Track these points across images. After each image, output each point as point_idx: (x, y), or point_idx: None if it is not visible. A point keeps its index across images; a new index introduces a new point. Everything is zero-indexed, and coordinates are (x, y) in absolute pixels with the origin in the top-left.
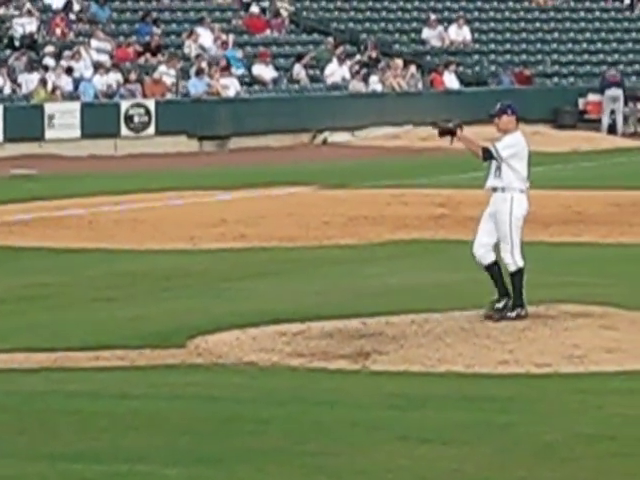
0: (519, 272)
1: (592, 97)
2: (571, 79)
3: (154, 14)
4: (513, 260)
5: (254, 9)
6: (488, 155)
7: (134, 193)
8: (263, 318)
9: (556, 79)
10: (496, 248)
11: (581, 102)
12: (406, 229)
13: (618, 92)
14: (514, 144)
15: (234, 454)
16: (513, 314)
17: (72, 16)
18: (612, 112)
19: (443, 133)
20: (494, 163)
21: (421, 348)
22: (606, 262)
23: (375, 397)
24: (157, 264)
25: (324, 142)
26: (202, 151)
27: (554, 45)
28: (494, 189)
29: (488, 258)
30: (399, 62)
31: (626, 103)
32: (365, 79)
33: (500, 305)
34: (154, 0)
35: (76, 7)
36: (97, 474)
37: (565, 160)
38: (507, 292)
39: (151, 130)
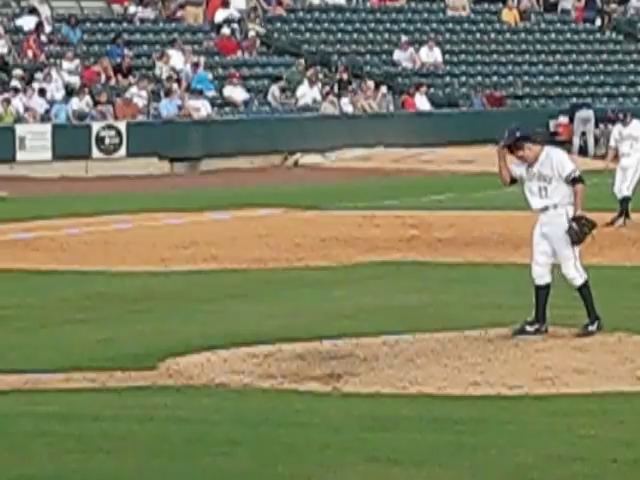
0: (586, 285)
1: (563, 119)
2: (542, 101)
3: (125, 36)
4: (579, 273)
5: (225, 31)
6: (582, 179)
7: (105, 215)
8: (234, 340)
9: (527, 101)
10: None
11: (552, 124)
12: (377, 251)
13: (589, 113)
14: (566, 155)
15: (204, 476)
16: (594, 327)
17: (43, 38)
18: (583, 134)
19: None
20: (536, 185)
21: (392, 370)
22: None
23: (346, 419)
24: (128, 286)
25: (295, 164)
26: (173, 173)
27: (525, 67)
28: (545, 208)
29: (545, 278)
30: (370, 84)
31: (597, 125)
32: (336, 101)
33: (531, 329)
34: (125, 22)
35: (47, 29)
36: None
37: None
38: (544, 318)
39: (122, 152)
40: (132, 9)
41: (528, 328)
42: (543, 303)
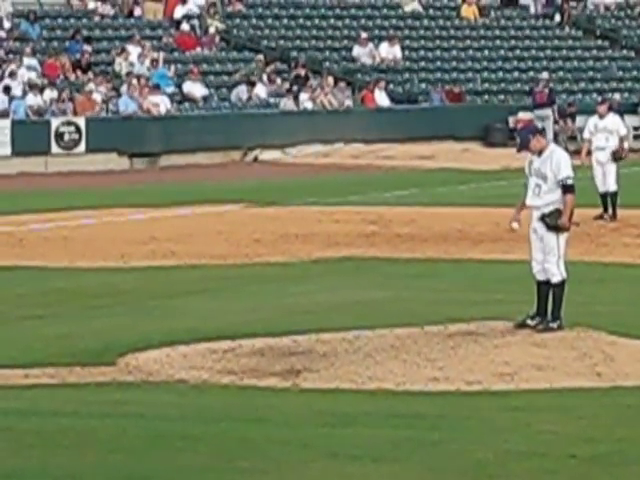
0: (562, 283)
1: (522, 115)
2: (501, 97)
3: (85, 32)
4: (559, 271)
5: (185, 27)
6: (572, 189)
7: (64, 211)
8: (193, 335)
9: (487, 97)
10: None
11: (511, 120)
12: (337, 247)
13: (547, 112)
14: (568, 159)
15: (164, 472)
16: (555, 325)
17: (2, 34)
18: (542, 130)
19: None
20: (532, 181)
21: (351, 365)
22: None
23: (305, 415)
24: (87, 282)
25: (255, 160)
26: (133, 169)
27: (484, 63)
28: (536, 207)
29: (544, 275)
30: (330, 80)
31: (557, 121)
32: (295, 97)
33: (532, 323)
34: (84, 17)
35: (6, 25)
36: None
37: (495, 178)
38: (545, 313)
39: (82, 148)
40: (91, 5)
41: (529, 322)
42: (543, 298)
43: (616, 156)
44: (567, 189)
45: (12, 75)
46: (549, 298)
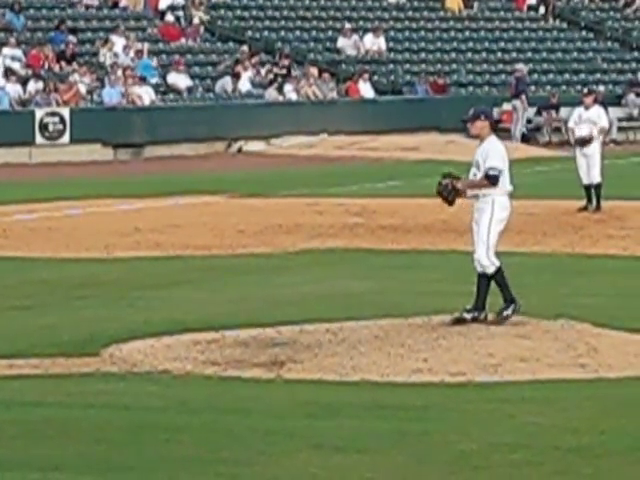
0: (499, 270)
1: (507, 106)
2: (486, 88)
3: (69, 22)
4: (490, 262)
5: (169, 17)
6: (494, 179)
7: (49, 201)
8: (177, 326)
9: (471, 88)
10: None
11: (496, 111)
12: (320, 238)
13: (514, 102)
14: (497, 149)
15: (148, 462)
16: (509, 311)
17: None
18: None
19: (448, 196)
20: (472, 171)
21: (335, 357)
22: (520, 271)
23: (289, 406)
24: (71, 273)
25: (239, 151)
26: (117, 159)
27: (469, 54)
28: (474, 196)
29: (491, 268)
30: (314, 71)
31: (539, 112)
32: (280, 88)
33: (468, 316)
34: (69, 8)
35: None
36: None
37: None
38: (483, 307)
39: (66, 138)
40: None
41: (466, 315)
42: (503, 285)
43: (581, 140)
44: (489, 179)
45: None
46: (488, 289)
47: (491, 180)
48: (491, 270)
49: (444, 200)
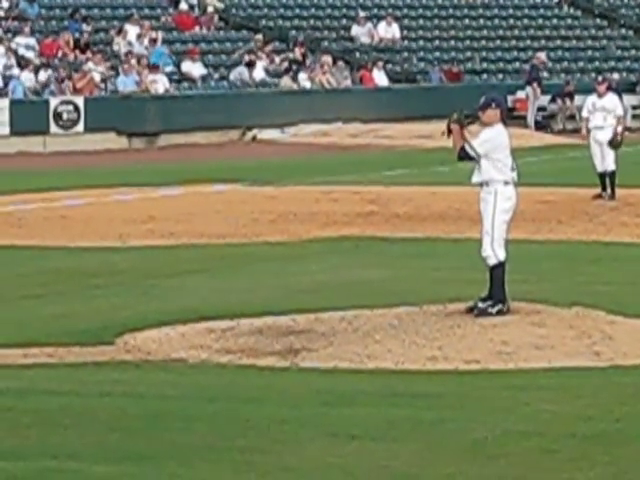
0: (500, 266)
1: (521, 94)
2: (500, 76)
3: (83, 11)
4: (494, 253)
5: (183, 6)
6: (464, 154)
7: (63, 190)
8: (192, 315)
9: (485, 76)
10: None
11: (510, 99)
12: (335, 226)
13: (527, 90)
14: (490, 137)
15: (163, 451)
16: (494, 310)
17: (1, 13)
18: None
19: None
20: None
21: (350, 345)
22: (535, 259)
23: (304, 394)
24: (86, 261)
25: (253, 139)
26: (131, 148)
27: (483, 42)
28: (480, 184)
29: (491, 259)
30: (328, 59)
31: (554, 100)
32: (294, 76)
33: (483, 305)
34: None
35: (5, 4)
36: (25, 471)
37: None
38: (503, 299)
39: (80, 127)
40: None
41: (480, 304)
42: (496, 282)
43: (614, 144)
44: (460, 151)
45: (8, 53)
46: (503, 278)
47: (461, 152)
48: (491, 262)
49: (447, 128)
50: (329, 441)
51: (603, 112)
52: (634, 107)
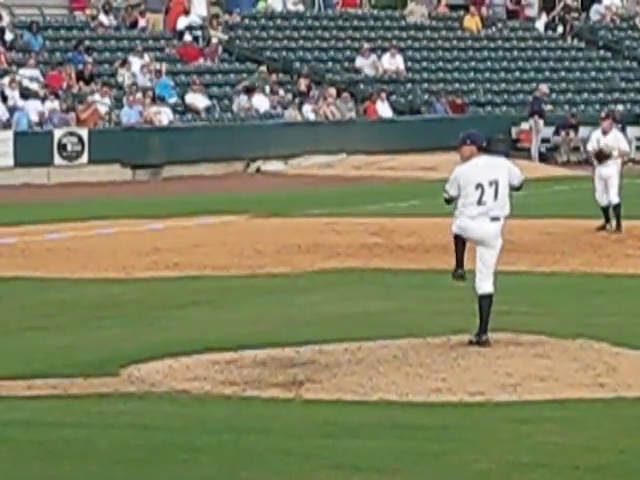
0: (486, 297)
1: (525, 126)
2: (504, 108)
3: (87, 42)
4: (484, 285)
5: (187, 38)
6: (448, 196)
7: (67, 222)
8: (196, 347)
9: (489, 108)
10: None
11: (514, 131)
12: (339, 258)
13: (530, 122)
14: (453, 177)
15: None
16: (474, 338)
17: (5, 45)
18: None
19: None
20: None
21: (354, 376)
22: (539, 290)
23: (308, 426)
24: (90, 293)
25: (257, 171)
26: (135, 180)
27: (487, 74)
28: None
29: (481, 288)
30: (332, 91)
31: (557, 132)
32: (299, 108)
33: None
34: (87, 28)
35: (9, 36)
36: None
37: None
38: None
39: (84, 159)
40: (97, 17)
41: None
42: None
43: (599, 156)
44: (445, 201)
45: (12, 85)
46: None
47: (446, 201)
48: (481, 292)
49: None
50: (333, 473)
51: (607, 149)
52: (638, 139)
